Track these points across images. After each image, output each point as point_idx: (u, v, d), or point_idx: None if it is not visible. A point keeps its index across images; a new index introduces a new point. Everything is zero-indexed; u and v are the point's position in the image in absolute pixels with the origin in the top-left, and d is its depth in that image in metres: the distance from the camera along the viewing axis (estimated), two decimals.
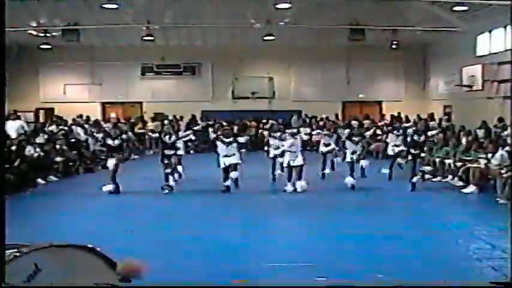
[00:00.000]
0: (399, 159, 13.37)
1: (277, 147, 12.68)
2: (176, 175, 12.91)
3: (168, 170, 12.03)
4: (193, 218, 9.45)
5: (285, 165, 12.15)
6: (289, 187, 11.91)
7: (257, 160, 14.57)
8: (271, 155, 13.44)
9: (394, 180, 13.50)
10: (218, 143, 12.13)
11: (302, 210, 10.30)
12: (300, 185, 11.87)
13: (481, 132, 17.25)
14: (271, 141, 13.51)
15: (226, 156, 11.87)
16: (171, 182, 12.01)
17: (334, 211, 10.05)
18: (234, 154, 11.89)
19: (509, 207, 9.82)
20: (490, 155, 12.10)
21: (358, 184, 12.37)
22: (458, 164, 12.94)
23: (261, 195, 11.80)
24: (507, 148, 12.27)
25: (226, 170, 11.90)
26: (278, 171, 13.19)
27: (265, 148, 14.24)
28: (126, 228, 8.49)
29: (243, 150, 12.71)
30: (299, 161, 11.90)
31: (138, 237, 7.85)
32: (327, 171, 14.08)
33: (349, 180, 12.20)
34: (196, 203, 11.02)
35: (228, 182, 11.85)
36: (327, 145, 14.11)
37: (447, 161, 13.52)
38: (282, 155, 12.36)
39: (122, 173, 12.02)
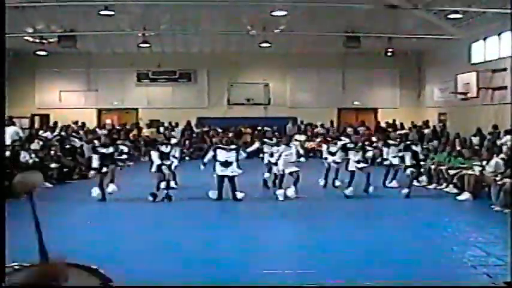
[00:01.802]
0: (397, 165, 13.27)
1: (272, 155, 12.65)
2: (171, 183, 12.87)
3: (162, 181, 11.86)
4: (186, 225, 9.40)
5: (279, 172, 12.13)
6: (280, 193, 11.85)
7: (251, 167, 14.52)
8: (265, 162, 13.44)
9: (389, 187, 13.54)
10: (218, 150, 11.99)
11: (297, 217, 10.29)
12: (291, 191, 11.81)
13: (475, 140, 17.31)
14: (266, 148, 13.51)
15: (224, 164, 11.75)
16: (163, 191, 11.72)
17: (329, 218, 10.04)
18: (232, 163, 11.76)
19: (504, 214, 9.87)
20: (484, 163, 12.13)
21: (353, 191, 12.39)
22: (453, 171, 12.97)
23: (255, 202, 11.75)
24: (502, 155, 12.31)
25: (222, 179, 11.78)
26: (266, 175, 13.30)
27: (260, 155, 14.10)
28: (117, 235, 8.48)
29: (243, 156, 12.53)
30: (293, 168, 11.93)
31: (130, 243, 7.83)
32: (334, 182, 13.63)
33: (348, 190, 12.13)
34: (190, 211, 10.97)
35: (214, 195, 11.68)
36: (332, 154, 13.67)
37: (442, 168, 13.54)
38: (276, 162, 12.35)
39: (117, 179, 12.00)
